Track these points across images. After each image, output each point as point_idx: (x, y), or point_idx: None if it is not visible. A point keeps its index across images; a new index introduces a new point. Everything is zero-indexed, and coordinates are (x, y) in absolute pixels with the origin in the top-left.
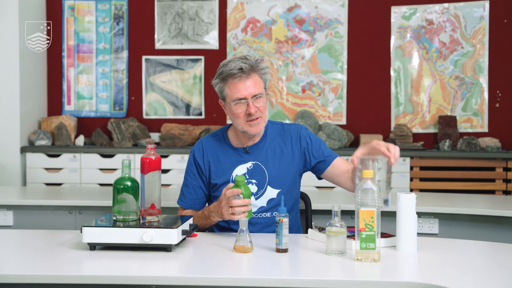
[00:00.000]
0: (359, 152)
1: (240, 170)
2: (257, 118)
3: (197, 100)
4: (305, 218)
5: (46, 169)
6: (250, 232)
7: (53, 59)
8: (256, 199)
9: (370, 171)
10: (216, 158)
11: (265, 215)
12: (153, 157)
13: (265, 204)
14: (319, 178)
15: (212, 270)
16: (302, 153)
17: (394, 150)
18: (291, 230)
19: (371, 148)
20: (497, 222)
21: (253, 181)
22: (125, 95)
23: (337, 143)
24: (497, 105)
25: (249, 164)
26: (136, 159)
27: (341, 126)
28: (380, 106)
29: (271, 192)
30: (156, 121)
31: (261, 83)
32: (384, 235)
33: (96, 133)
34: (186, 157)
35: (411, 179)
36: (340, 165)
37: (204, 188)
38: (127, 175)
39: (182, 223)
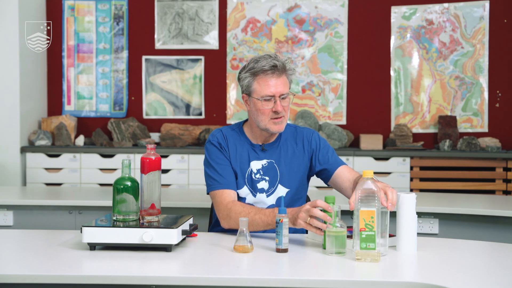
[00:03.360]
0: (353, 199)
1: (255, 165)
2: (281, 117)
3: (197, 100)
4: None
5: (46, 169)
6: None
7: (53, 59)
8: (267, 196)
9: (370, 171)
10: (235, 148)
11: None
12: (153, 157)
13: (274, 202)
14: (328, 185)
15: (212, 270)
16: (310, 156)
17: (392, 195)
18: (298, 231)
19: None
20: (497, 222)
21: (266, 178)
22: (125, 95)
23: (337, 143)
24: (497, 105)
25: (264, 162)
26: (136, 159)
27: (341, 126)
28: (380, 106)
29: (281, 191)
30: (156, 121)
31: (288, 83)
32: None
33: (96, 133)
34: (186, 157)
35: (411, 179)
36: (343, 174)
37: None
38: (127, 175)
39: (183, 224)
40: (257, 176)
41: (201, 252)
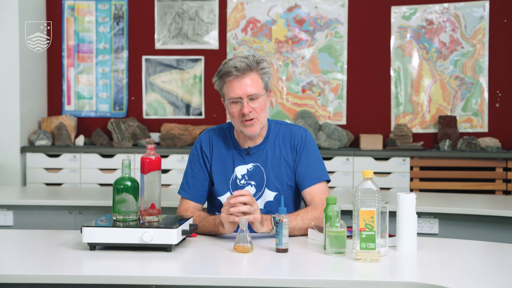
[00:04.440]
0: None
1: (240, 170)
2: (252, 119)
3: (197, 100)
4: None
5: (46, 169)
6: None
7: (53, 59)
8: None
9: (370, 171)
10: (219, 153)
11: None
12: (153, 157)
13: (262, 207)
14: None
15: (212, 270)
16: (295, 158)
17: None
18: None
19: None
20: (497, 222)
21: (252, 182)
22: (125, 95)
23: (337, 143)
24: (497, 105)
25: (250, 166)
26: (136, 159)
27: (341, 126)
28: (380, 106)
29: (269, 195)
30: (156, 121)
31: (260, 83)
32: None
33: (96, 133)
34: (186, 157)
35: (411, 179)
36: (310, 193)
37: (208, 181)
38: (127, 175)
39: (182, 224)
40: (242, 181)
41: (201, 252)
